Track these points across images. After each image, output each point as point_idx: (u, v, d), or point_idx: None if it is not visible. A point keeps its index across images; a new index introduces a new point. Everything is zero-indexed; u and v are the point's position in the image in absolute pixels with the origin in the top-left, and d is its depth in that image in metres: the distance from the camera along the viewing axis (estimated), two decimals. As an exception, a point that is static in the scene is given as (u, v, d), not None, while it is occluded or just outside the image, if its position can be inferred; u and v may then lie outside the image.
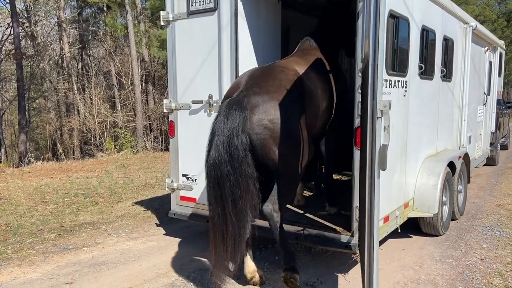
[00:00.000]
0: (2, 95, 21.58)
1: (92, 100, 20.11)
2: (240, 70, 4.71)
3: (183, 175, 5.28)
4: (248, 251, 4.03)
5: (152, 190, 8.76)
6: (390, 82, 4.28)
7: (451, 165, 5.71)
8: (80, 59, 24.17)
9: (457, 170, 5.99)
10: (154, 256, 5.09)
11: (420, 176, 5.25)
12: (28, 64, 20.50)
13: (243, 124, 3.57)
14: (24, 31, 19.73)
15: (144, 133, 19.12)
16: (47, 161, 13.77)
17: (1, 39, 19.26)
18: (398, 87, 4.49)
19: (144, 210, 7.18)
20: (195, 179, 5.16)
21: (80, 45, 23.42)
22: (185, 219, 5.31)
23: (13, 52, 17.49)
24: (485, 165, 9.81)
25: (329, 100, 4.49)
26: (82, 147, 20.95)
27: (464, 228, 5.96)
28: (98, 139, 19.60)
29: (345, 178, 7.06)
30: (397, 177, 4.67)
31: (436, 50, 5.60)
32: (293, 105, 3.82)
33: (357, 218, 3.87)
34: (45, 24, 22.37)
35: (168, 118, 5.46)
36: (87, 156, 17.35)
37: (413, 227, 5.53)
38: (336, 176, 6.99)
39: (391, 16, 4.17)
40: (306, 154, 3.95)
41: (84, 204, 7.61)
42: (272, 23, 5.29)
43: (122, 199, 8.03)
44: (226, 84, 4.70)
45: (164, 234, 5.92)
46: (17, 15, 17.76)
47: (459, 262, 4.77)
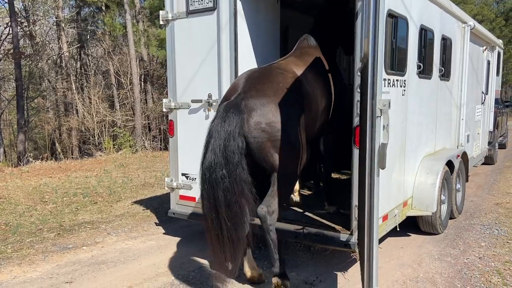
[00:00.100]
0: (0, 94, 21.56)
1: (90, 99, 20.11)
2: (240, 69, 4.72)
3: (183, 174, 5.29)
4: (248, 249, 4.03)
5: (151, 189, 8.77)
6: (388, 82, 4.30)
7: (450, 164, 5.74)
8: (79, 59, 24.16)
9: (456, 169, 6.02)
10: (154, 255, 5.10)
11: (419, 175, 5.27)
12: (27, 64, 20.46)
13: (240, 128, 3.54)
14: (22, 30, 19.69)
15: (143, 132, 19.11)
16: (46, 161, 13.77)
17: (-1, 38, 19.26)
18: (397, 86, 4.51)
19: (144, 209, 7.19)
20: (195, 178, 5.16)
21: (78, 45, 23.40)
22: (185, 218, 5.31)
23: (12, 52, 17.45)
24: (483, 164, 9.85)
25: (327, 100, 4.48)
26: (81, 147, 20.95)
27: (463, 227, 5.98)
28: (96, 138, 19.62)
29: (344, 177, 7.08)
30: (396, 176, 4.69)
31: (434, 50, 5.61)
32: (291, 109, 3.79)
33: (356, 216, 3.88)
34: (44, 23, 22.35)
35: (167, 117, 5.47)
36: (85, 156, 17.35)
37: (411, 226, 5.55)
38: (335, 175, 7.00)
39: (389, 15, 4.18)
40: (303, 157, 3.93)
41: (83, 203, 7.61)
42: (271, 23, 5.30)
43: (121, 198, 8.03)
44: (226, 83, 4.71)
45: (163, 233, 5.93)
46: (16, 15, 17.73)
47: (458, 261, 4.79)
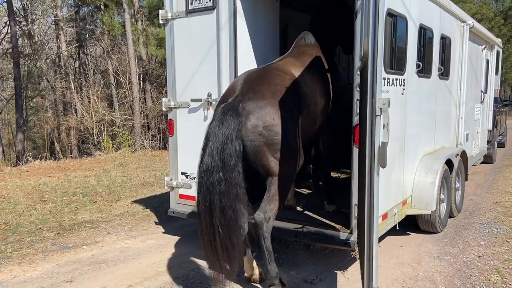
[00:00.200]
0: (-1, 94, 21.54)
1: (89, 98, 20.08)
2: (239, 68, 4.72)
3: (182, 173, 5.30)
4: (247, 249, 4.03)
5: (151, 189, 8.77)
6: (388, 80, 4.30)
7: (449, 163, 5.75)
8: (78, 58, 24.10)
9: (455, 167, 6.03)
10: (154, 254, 5.10)
11: (418, 174, 5.28)
12: (25, 63, 20.43)
13: (238, 130, 3.52)
14: (21, 29, 19.65)
15: (142, 131, 19.10)
16: (45, 160, 13.75)
17: (-2, 38, 19.22)
18: (396, 85, 4.51)
19: (143, 209, 7.19)
20: (194, 177, 5.15)
21: (77, 44, 23.35)
22: (184, 217, 5.31)
23: (10, 51, 17.43)
24: (482, 162, 9.86)
25: (326, 100, 4.46)
26: (80, 146, 20.92)
27: (462, 226, 5.99)
28: (95, 137, 19.58)
29: (343, 176, 7.09)
30: (395, 175, 4.70)
31: (433, 49, 5.62)
32: (289, 112, 3.75)
33: (356, 215, 3.89)
34: (42, 22, 22.30)
35: (166, 116, 5.47)
36: (85, 155, 17.32)
37: (411, 225, 5.57)
38: (334, 174, 7.01)
39: (389, 14, 4.18)
40: (300, 161, 3.91)
41: (82, 202, 7.61)
42: (270, 21, 5.30)
43: (120, 197, 8.03)
44: (225, 82, 4.71)
45: (163, 232, 5.94)
46: (14, 14, 17.71)
47: (457, 259, 4.80)
